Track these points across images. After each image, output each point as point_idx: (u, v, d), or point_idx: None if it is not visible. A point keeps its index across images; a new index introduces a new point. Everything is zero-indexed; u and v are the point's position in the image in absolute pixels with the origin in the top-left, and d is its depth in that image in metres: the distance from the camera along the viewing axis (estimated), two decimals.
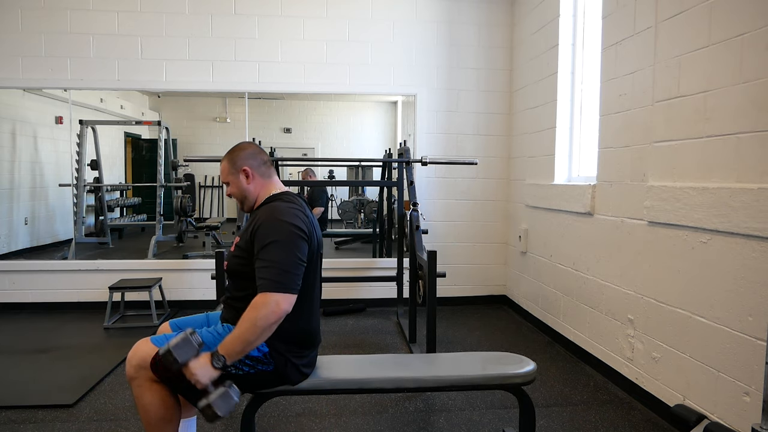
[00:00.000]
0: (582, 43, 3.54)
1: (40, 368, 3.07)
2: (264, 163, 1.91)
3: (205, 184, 7.34)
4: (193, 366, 1.60)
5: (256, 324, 1.61)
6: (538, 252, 3.97)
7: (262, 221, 1.74)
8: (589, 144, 3.46)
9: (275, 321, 1.63)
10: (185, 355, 1.60)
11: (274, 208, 1.77)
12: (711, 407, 2.17)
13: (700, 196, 2.18)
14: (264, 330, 1.62)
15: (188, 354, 1.60)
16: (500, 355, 2.10)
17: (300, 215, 1.78)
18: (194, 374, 1.59)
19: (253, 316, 1.62)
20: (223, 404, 1.59)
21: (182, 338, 1.61)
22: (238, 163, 1.87)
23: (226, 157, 1.91)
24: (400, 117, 6.85)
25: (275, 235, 1.69)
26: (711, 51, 2.16)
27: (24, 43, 4.19)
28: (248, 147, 1.93)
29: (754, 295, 1.95)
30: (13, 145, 5.08)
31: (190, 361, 1.60)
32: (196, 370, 1.59)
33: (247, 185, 1.88)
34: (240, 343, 1.62)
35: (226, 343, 1.63)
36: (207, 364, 1.61)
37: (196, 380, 1.60)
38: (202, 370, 1.60)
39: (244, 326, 1.62)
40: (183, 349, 1.60)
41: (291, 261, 1.68)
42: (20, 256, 4.97)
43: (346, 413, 2.54)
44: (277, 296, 1.63)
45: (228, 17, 4.32)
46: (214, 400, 1.58)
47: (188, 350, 1.60)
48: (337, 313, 4.32)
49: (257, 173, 1.88)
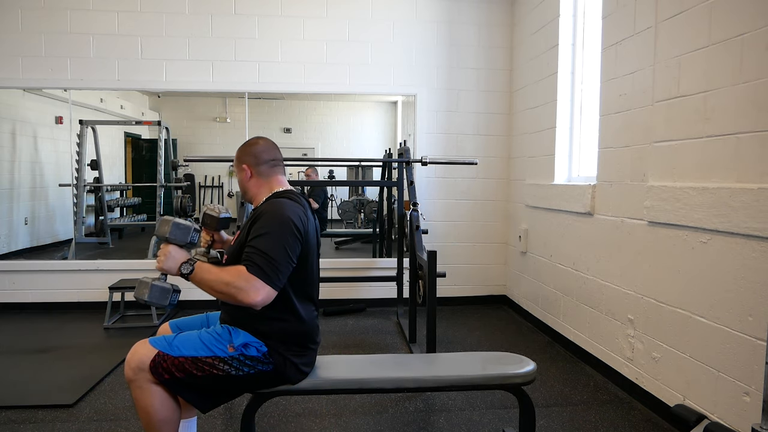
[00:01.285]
0: (582, 43, 3.54)
1: (40, 368, 3.07)
2: (266, 163, 1.91)
3: (205, 184, 7.34)
4: (172, 250, 1.68)
5: (229, 288, 1.63)
6: (538, 252, 3.97)
7: (264, 213, 1.75)
8: (589, 144, 3.46)
9: (242, 301, 1.63)
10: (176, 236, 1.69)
11: (276, 204, 1.79)
12: (711, 407, 2.17)
13: (700, 196, 2.18)
14: (227, 297, 1.65)
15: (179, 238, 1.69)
16: (500, 355, 2.10)
17: (301, 215, 1.78)
18: (165, 256, 1.67)
19: (232, 280, 1.63)
20: (158, 294, 1.68)
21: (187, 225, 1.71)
22: (242, 158, 1.93)
23: (238, 149, 1.96)
24: (400, 117, 6.85)
25: (272, 227, 1.70)
26: (711, 51, 2.16)
27: (24, 43, 4.19)
28: (257, 143, 1.94)
29: (754, 295, 1.95)
30: (13, 145, 5.08)
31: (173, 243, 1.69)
32: (169, 256, 1.68)
33: (246, 181, 1.93)
34: (208, 280, 1.67)
35: (204, 267, 1.69)
36: (180, 259, 1.68)
37: (162, 260, 1.67)
38: (172, 259, 1.68)
39: (221, 278, 1.65)
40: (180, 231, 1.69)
41: (281, 256, 1.67)
42: (20, 256, 4.97)
43: (346, 413, 2.54)
44: (260, 284, 1.63)
45: (228, 17, 4.32)
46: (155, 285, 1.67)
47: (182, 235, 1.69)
48: (337, 313, 4.32)
49: (255, 172, 1.90)
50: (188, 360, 1.70)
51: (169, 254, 1.68)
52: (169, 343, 1.73)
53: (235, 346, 1.74)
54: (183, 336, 1.77)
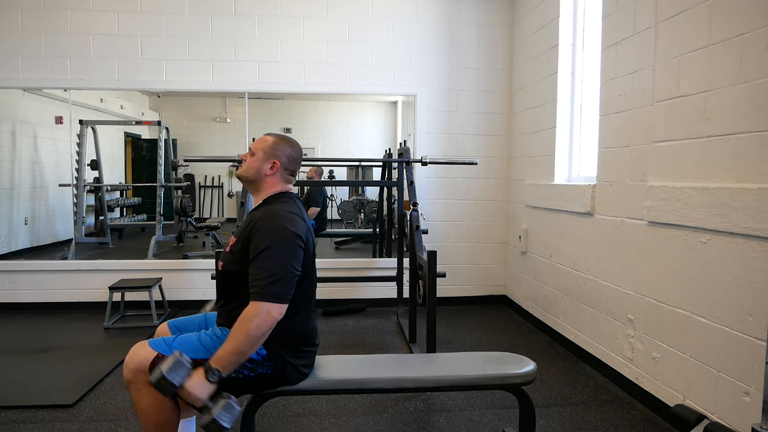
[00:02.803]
0: (582, 43, 3.53)
1: (40, 368, 3.07)
2: (292, 172, 1.92)
3: (205, 184, 7.34)
4: (189, 386, 1.59)
5: (249, 334, 1.61)
6: (538, 252, 3.97)
7: (260, 224, 1.72)
8: (589, 144, 3.46)
9: (267, 330, 1.64)
10: (179, 378, 1.58)
11: (272, 212, 1.76)
12: (711, 407, 2.17)
13: (700, 196, 2.18)
14: (257, 340, 1.63)
15: (182, 375, 1.58)
16: (500, 355, 2.10)
17: (299, 221, 1.77)
18: (191, 393, 1.58)
19: (246, 327, 1.61)
20: (227, 415, 1.58)
21: (173, 362, 1.58)
22: (278, 152, 1.88)
23: (276, 137, 1.91)
24: (400, 117, 6.86)
25: (272, 240, 1.69)
26: (711, 51, 2.16)
27: (24, 43, 4.19)
28: (296, 148, 1.93)
29: (754, 295, 1.95)
30: (13, 145, 5.08)
31: (185, 382, 1.59)
32: (193, 389, 1.58)
33: (265, 174, 1.87)
34: (234, 355, 1.62)
35: (220, 356, 1.63)
36: (202, 380, 1.60)
37: (195, 399, 1.59)
38: (198, 387, 1.59)
39: (237, 338, 1.62)
40: (176, 372, 1.58)
41: (286, 269, 1.68)
42: (20, 256, 4.97)
43: (346, 413, 2.54)
44: (268, 306, 1.63)
45: (228, 17, 4.32)
46: (218, 413, 1.57)
47: (181, 372, 1.58)
48: (337, 313, 4.32)
49: (280, 173, 1.89)
50: None
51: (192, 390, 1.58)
52: (169, 345, 1.72)
53: None
54: (182, 338, 1.77)
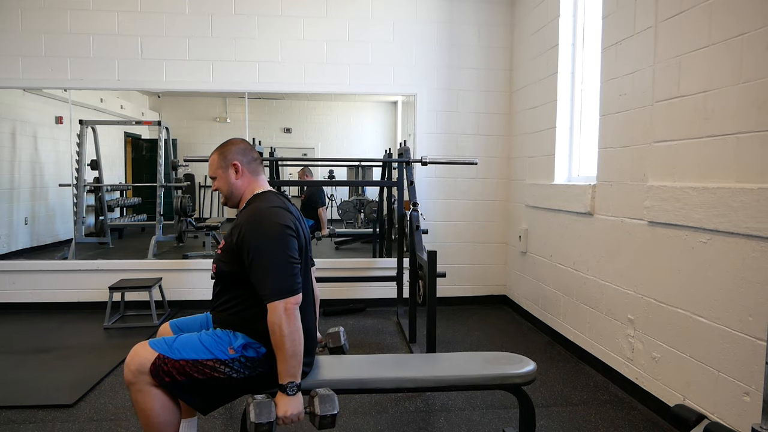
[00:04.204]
0: (582, 43, 3.53)
1: (40, 368, 3.07)
2: (254, 160, 1.91)
3: (205, 184, 7.33)
4: (282, 412, 1.63)
5: (285, 336, 1.62)
6: (538, 252, 3.97)
7: (247, 227, 1.72)
8: (589, 144, 3.45)
9: (295, 319, 1.65)
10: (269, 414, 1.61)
11: (257, 211, 1.76)
12: (711, 407, 2.17)
13: (700, 196, 2.18)
14: (293, 334, 1.64)
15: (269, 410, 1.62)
16: (500, 355, 2.10)
17: (283, 213, 1.76)
18: (288, 417, 1.63)
19: (279, 333, 1.63)
20: (329, 404, 1.64)
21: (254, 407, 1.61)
22: (229, 157, 1.87)
23: (216, 150, 1.91)
24: (400, 117, 6.85)
25: (263, 238, 1.69)
26: (711, 51, 2.16)
27: (24, 43, 4.19)
28: (239, 143, 1.93)
29: (754, 295, 1.95)
30: (13, 145, 5.08)
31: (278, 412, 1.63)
32: (287, 413, 1.63)
33: (234, 180, 1.87)
34: (290, 361, 1.64)
35: (283, 371, 1.65)
36: (287, 399, 1.64)
37: (295, 417, 1.64)
38: (291, 407, 1.64)
39: (281, 347, 1.63)
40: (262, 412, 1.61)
41: (284, 261, 1.68)
42: (20, 256, 4.97)
43: (346, 413, 2.54)
44: (282, 303, 1.64)
45: (228, 17, 4.32)
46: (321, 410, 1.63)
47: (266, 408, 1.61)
48: (337, 313, 4.32)
49: (247, 169, 1.88)
50: (189, 363, 1.70)
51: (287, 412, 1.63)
52: (170, 346, 1.72)
53: (235, 348, 1.73)
54: (183, 338, 1.77)
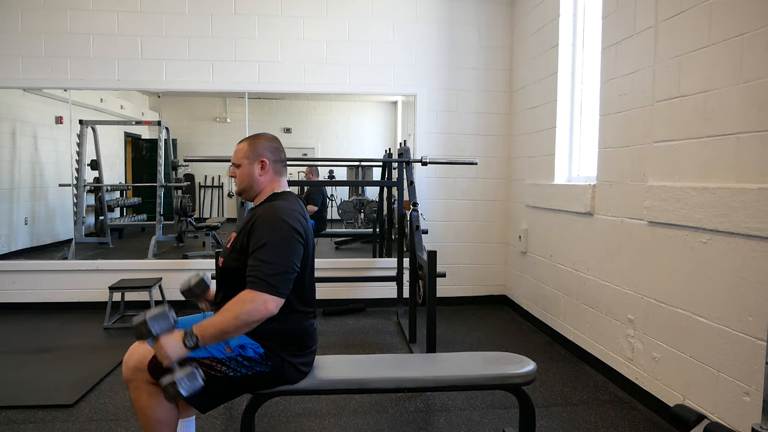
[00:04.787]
0: (582, 43, 3.53)
1: (40, 368, 3.07)
2: (281, 161, 1.91)
3: (205, 184, 7.34)
4: (164, 340, 1.58)
5: (239, 317, 1.60)
6: (538, 252, 3.97)
7: (261, 219, 1.72)
8: (589, 144, 3.45)
9: (258, 320, 1.62)
10: (159, 328, 1.58)
11: (276, 207, 1.76)
12: (711, 407, 2.17)
13: (700, 196, 2.18)
14: (244, 325, 1.62)
15: (162, 327, 1.58)
16: (500, 355, 2.10)
17: (300, 218, 1.77)
18: (164, 348, 1.57)
19: (238, 309, 1.61)
20: (188, 384, 1.55)
21: (160, 311, 1.59)
22: (259, 150, 1.85)
23: (247, 140, 1.88)
24: (400, 117, 6.86)
25: (273, 234, 1.69)
26: (711, 51, 2.16)
27: (24, 43, 4.19)
28: (273, 140, 1.92)
29: (754, 295, 1.95)
30: (13, 145, 5.08)
31: (162, 335, 1.58)
32: (167, 345, 1.57)
33: (258, 175, 1.86)
34: (217, 330, 1.61)
35: (203, 325, 1.62)
36: (179, 341, 1.59)
37: (164, 355, 1.57)
38: (172, 346, 1.58)
39: (226, 316, 1.61)
40: (159, 321, 1.58)
41: (285, 264, 1.68)
42: (20, 256, 4.97)
43: (346, 413, 2.54)
44: (266, 296, 1.62)
45: (228, 17, 4.32)
46: (180, 378, 1.55)
47: (163, 323, 1.59)
48: (337, 313, 4.32)
49: (272, 168, 1.87)
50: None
51: (166, 346, 1.57)
52: None
53: (232, 347, 1.73)
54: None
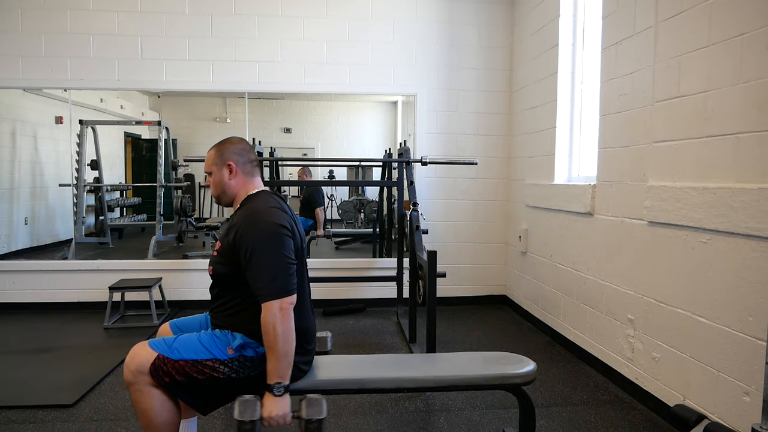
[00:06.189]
0: (582, 43, 3.53)
1: (40, 368, 3.07)
2: (250, 162, 1.90)
3: (205, 184, 7.33)
4: (267, 412, 1.61)
5: (278, 336, 1.62)
6: (538, 252, 3.97)
7: (243, 228, 1.71)
8: (589, 144, 3.45)
9: (289, 320, 1.64)
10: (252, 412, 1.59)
11: (253, 212, 1.76)
12: (711, 407, 2.17)
13: (700, 196, 2.18)
14: (288, 334, 1.64)
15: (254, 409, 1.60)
16: (500, 355, 2.10)
17: (279, 213, 1.76)
18: (274, 418, 1.61)
19: (272, 332, 1.62)
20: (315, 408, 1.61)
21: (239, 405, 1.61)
22: (225, 156, 1.86)
23: (214, 147, 1.90)
24: (400, 117, 6.85)
25: (259, 239, 1.68)
26: (711, 51, 2.16)
27: (24, 43, 4.19)
28: (238, 142, 1.92)
29: (754, 295, 1.95)
30: (13, 145, 5.08)
31: (261, 411, 1.61)
32: (273, 413, 1.61)
33: (228, 180, 1.86)
34: (281, 360, 1.63)
35: (272, 370, 1.64)
36: (273, 399, 1.63)
37: (281, 418, 1.62)
38: (277, 408, 1.61)
39: (273, 346, 1.63)
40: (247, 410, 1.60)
41: (281, 263, 1.68)
42: (20, 256, 4.97)
43: (346, 413, 2.54)
44: (278, 302, 1.64)
45: (228, 17, 4.32)
46: (308, 413, 1.60)
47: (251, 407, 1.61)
48: (337, 313, 4.32)
49: (241, 170, 1.87)
50: (189, 363, 1.70)
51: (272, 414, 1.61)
52: (169, 346, 1.72)
53: (234, 348, 1.74)
54: (182, 338, 1.77)
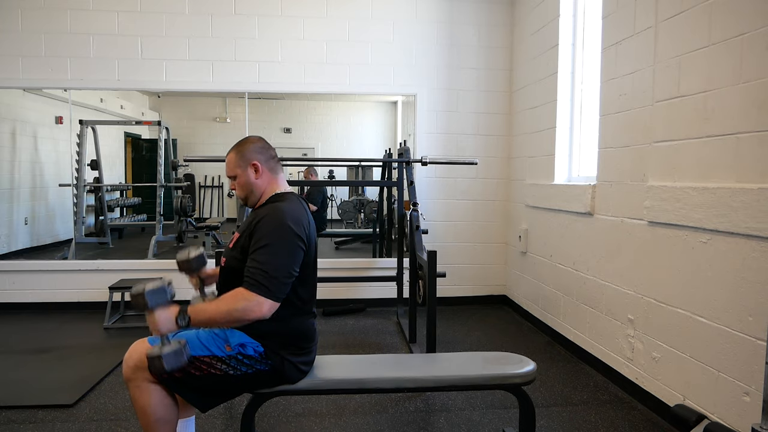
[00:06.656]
0: (582, 43, 3.53)
1: (40, 368, 3.07)
2: (272, 158, 1.90)
3: (205, 184, 7.34)
4: (159, 314, 1.60)
5: (231, 313, 1.62)
6: (538, 252, 3.97)
7: (263, 221, 1.72)
8: (589, 144, 3.45)
9: (249, 319, 1.64)
10: (156, 301, 1.60)
11: (278, 209, 1.76)
12: (711, 407, 2.17)
13: (700, 196, 2.18)
14: (234, 321, 1.65)
15: (159, 301, 1.61)
16: (500, 355, 2.10)
17: (303, 222, 1.77)
18: (156, 321, 1.59)
19: (232, 305, 1.63)
20: (173, 359, 1.59)
21: (159, 285, 1.61)
22: (248, 156, 1.85)
23: (234, 149, 1.88)
24: (400, 117, 6.86)
25: (275, 237, 1.68)
26: (711, 51, 2.16)
27: (24, 43, 4.19)
28: (257, 141, 1.91)
29: (754, 295, 1.95)
30: (13, 145, 5.08)
31: (157, 308, 1.60)
32: (160, 318, 1.60)
33: (254, 180, 1.85)
34: (209, 318, 1.64)
35: (197, 309, 1.64)
36: (172, 317, 1.61)
37: (155, 328, 1.60)
38: (165, 320, 1.60)
39: (220, 308, 1.64)
40: (157, 294, 1.60)
41: (284, 269, 1.68)
42: (20, 256, 4.97)
43: (346, 413, 2.54)
44: (261, 299, 1.63)
45: (228, 17, 4.32)
46: (167, 353, 1.58)
47: (161, 297, 1.61)
48: (337, 313, 4.32)
49: (266, 168, 1.87)
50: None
51: (158, 319, 1.59)
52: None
53: (232, 346, 1.74)
54: (181, 335, 1.76)
